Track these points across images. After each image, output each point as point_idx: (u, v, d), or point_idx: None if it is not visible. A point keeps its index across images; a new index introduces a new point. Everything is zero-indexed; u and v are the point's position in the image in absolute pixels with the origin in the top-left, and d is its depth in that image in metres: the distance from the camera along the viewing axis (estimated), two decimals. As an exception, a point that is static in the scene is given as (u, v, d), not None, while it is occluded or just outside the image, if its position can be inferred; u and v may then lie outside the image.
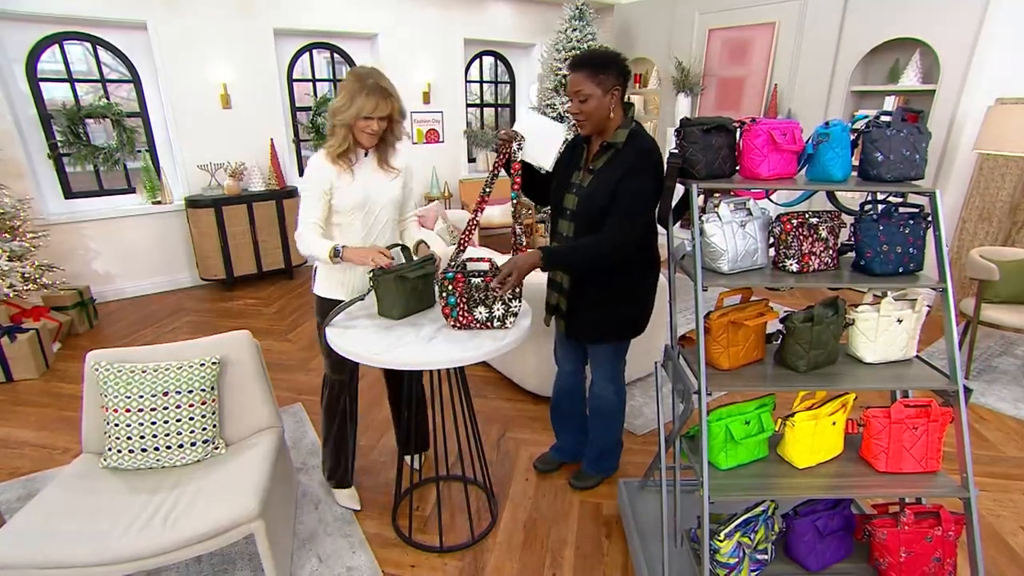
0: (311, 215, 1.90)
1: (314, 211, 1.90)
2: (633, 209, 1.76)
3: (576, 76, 1.74)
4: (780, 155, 1.60)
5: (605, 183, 1.79)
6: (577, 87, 1.74)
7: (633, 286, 1.98)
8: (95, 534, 1.57)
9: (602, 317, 1.99)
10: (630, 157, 1.77)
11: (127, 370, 1.88)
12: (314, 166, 1.90)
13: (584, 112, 1.76)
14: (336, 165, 1.88)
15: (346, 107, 1.80)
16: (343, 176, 1.90)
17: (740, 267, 1.62)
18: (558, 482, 2.43)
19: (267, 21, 4.91)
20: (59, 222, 4.35)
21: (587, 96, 1.73)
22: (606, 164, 1.82)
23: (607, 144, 1.81)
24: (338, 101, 1.82)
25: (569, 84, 1.77)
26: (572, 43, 5.74)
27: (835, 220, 1.67)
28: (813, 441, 1.60)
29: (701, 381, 1.51)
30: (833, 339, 1.64)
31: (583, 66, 1.74)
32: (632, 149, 1.78)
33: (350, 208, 1.93)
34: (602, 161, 1.83)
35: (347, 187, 1.91)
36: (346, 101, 1.80)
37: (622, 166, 1.77)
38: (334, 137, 1.87)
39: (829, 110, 4.88)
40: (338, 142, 1.86)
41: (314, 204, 1.89)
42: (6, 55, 4.11)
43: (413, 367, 1.58)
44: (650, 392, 3.15)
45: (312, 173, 1.89)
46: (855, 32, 4.61)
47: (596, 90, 1.73)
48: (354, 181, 1.92)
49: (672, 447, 1.82)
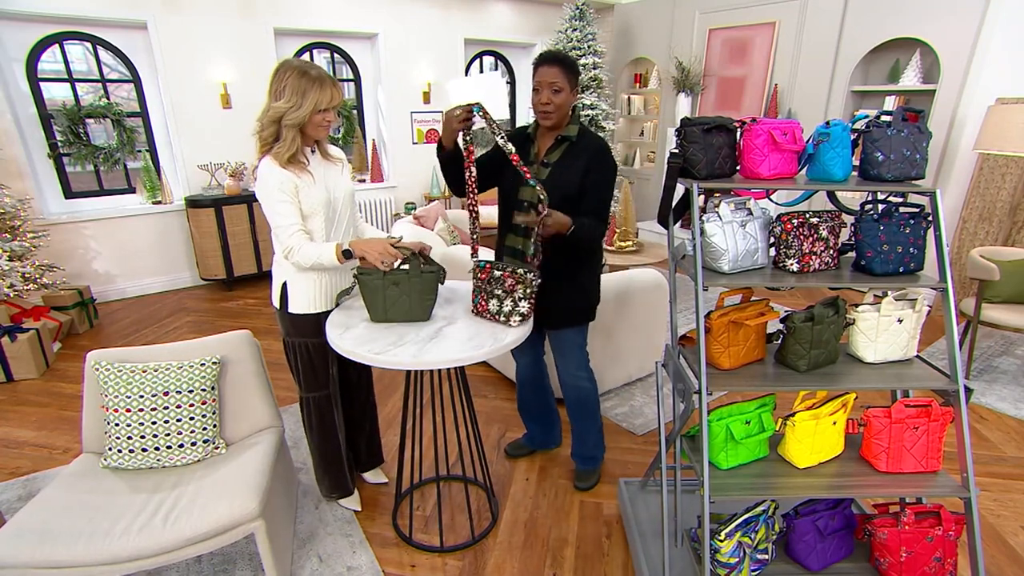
0: (292, 221, 1.77)
1: (293, 217, 1.77)
2: (607, 200, 1.93)
3: (552, 69, 1.83)
4: (781, 155, 1.60)
5: (566, 173, 1.90)
6: (554, 79, 1.82)
7: (593, 270, 2.11)
8: (95, 533, 1.57)
9: (568, 301, 2.05)
10: (589, 150, 1.90)
11: (127, 370, 1.88)
12: (271, 172, 1.74)
13: (555, 103, 1.84)
14: (289, 169, 1.76)
15: (297, 105, 1.70)
16: (303, 177, 1.79)
17: (741, 267, 1.62)
18: (559, 482, 2.43)
19: (267, 21, 4.91)
20: (59, 222, 4.35)
21: (560, 88, 1.83)
22: (562, 157, 1.92)
23: (562, 137, 1.92)
24: (285, 102, 1.70)
25: (542, 76, 1.84)
26: (572, 43, 5.74)
27: (836, 220, 1.67)
28: (814, 441, 1.60)
29: (702, 381, 1.51)
30: (833, 339, 1.64)
31: (559, 62, 1.83)
32: (588, 142, 1.92)
33: (316, 209, 1.83)
34: (557, 154, 1.93)
35: (310, 187, 1.80)
36: (295, 99, 1.70)
37: (582, 158, 1.89)
38: (281, 142, 1.74)
39: (829, 110, 4.88)
40: (287, 145, 1.74)
41: (290, 210, 1.77)
42: (6, 54, 4.11)
43: (412, 367, 1.58)
44: (650, 392, 3.15)
45: (272, 179, 1.74)
46: (855, 32, 4.61)
47: (566, 84, 1.84)
48: (315, 181, 1.82)
49: (672, 447, 1.82)
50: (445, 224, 4.24)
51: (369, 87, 5.90)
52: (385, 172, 6.13)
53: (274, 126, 1.75)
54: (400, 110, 5.93)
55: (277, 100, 1.72)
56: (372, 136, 6.05)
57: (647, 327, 3.13)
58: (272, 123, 1.74)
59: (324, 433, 2.11)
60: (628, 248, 4.42)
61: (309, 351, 1.98)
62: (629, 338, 3.06)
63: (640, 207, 6.71)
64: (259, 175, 1.77)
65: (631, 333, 3.05)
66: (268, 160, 1.76)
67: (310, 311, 1.94)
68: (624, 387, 3.21)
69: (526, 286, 1.75)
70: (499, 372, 3.33)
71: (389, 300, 1.80)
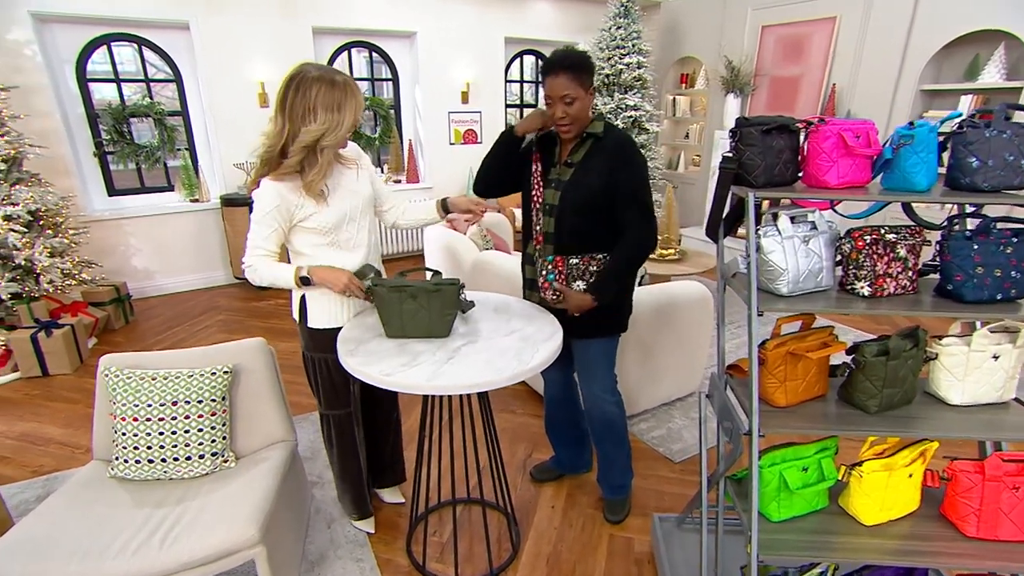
0: (262, 246, 1.65)
1: (268, 243, 1.65)
2: (646, 197, 1.77)
3: (559, 79, 1.65)
4: (852, 160, 1.38)
5: (589, 174, 1.75)
6: (564, 91, 1.66)
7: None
8: (90, 551, 1.49)
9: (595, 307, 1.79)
10: (615, 146, 1.75)
11: (136, 377, 1.81)
12: (274, 192, 1.60)
13: (570, 115, 1.69)
14: (306, 196, 1.62)
15: (337, 124, 1.55)
16: (319, 205, 1.66)
17: (802, 289, 1.40)
18: (587, 511, 2.24)
19: (307, 20, 4.90)
20: (102, 219, 4.44)
21: (573, 99, 1.67)
22: (587, 155, 1.78)
23: (587, 134, 1.77)
24: (321, 124, 1.53)
25: (552, 89, 1.67)
26: (616, 41, 5.53)
27: (916, 237, 1.43)
28: (884, 495, 1.37)
29: (753, 421, 1.31)
30: (911, 375, 1.40)
31: (565, 68, 1.65)
32: (614, 139, 1.77)
33: (329, 227, 1.70)
34: (581, 152, 1.79)
35: (323, 214, 1.67)
36: (333, 117, 1.54)
37: (608, 156, 1.74)
38: (316, 169, 1.58)
39: (895, 111, 4.50)
40: (321, 170, 1.58)
41: (268, 235, 1.64)
42: (59, 56, 4.22)
43: (424, 391, 1.43)
44: (691, 414, 2.92)
45: (270, 200, 1.60)
46: (928, 25, 4.23)
47: (579, 91, 1.67)
48: (330, 207, 1.68)
49: (715, 488, 1.61)
50: (478, 228, 4.10)
51: (407, 87, 5.84)
52: (421, 173, 6.06)
53: (304, 152, 1.56)
54: (438, 110, 5.85)
55: (307, 123, 1.54)
56: (409, 136, 5.99)
57: (689, 344, 2.90)
58: (304, 149, 1.55)
59: (343, 452, 1.99)
60: (670, 256, 4.18)
61: (329, 368, 1.86)
62: (669, 355, 2.84)
63: (684, 212, 6.43)
64: (258, 193, 1.62)
65: (672, 350, 2.83)
66: (283, 184, 1.60)
67: (330, 326, 1.81)
68: (662, 407, 2.99)
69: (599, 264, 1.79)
70: (529, 385, 3.15)
71: (406, 315, 1.67)
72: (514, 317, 1.84)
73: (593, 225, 1.78)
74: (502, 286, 2.78)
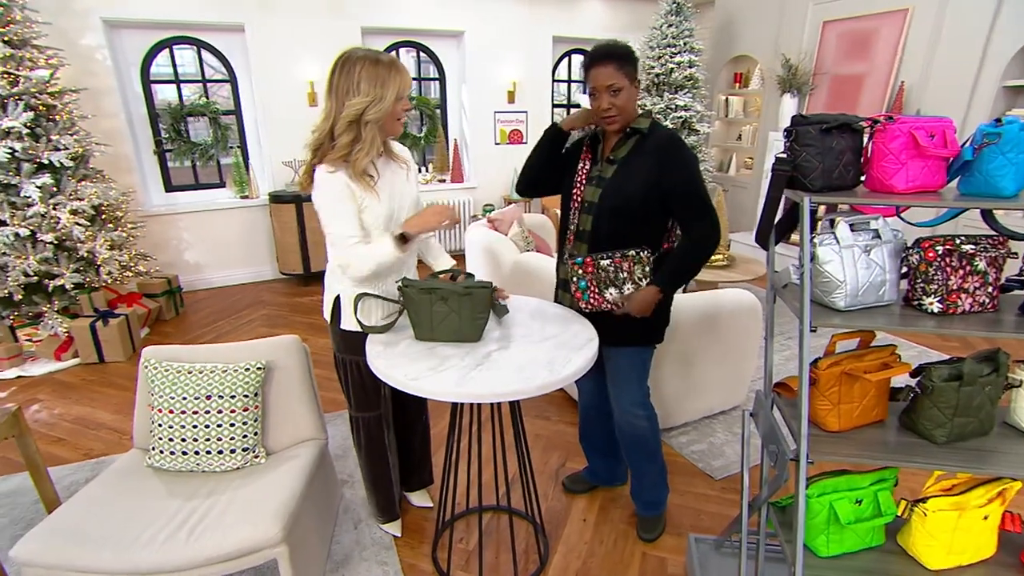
0: (352, 232, 1.60)
1: (354, 227, 1.61)
2: (702, 191, 1.68)
3: (605, 69, 1.63)
4: (924, 162, 1.24)
5: (634, 172, 1.69)
6: (610, 80, 1.62)
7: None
8: (122, 540, 1.52)
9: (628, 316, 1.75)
10: (661, 144, 1.68)
11: (173, 370, 1.84)
12: (334, 176, 1.58)
13: (616, 106, 1.65)
14: (357, 182, 1.59)
15: (379, 97, 1.52)
16: (369, 195, 1.62)
17: (861, 303, 1.27)
18: (620, 527, 2.14)
19: (356, 20, 4.97)
20: (159, 213, 4.65)
21: (619, 88, 1.63)
22: (631, 152, 1.71)
23: (631, 130, 1.71)
24: (364, 97, 1.51)
25: (596, 79, 1.64)
26: (667, 39, 5.37)
27: (998, 248, 1.28)
28: (953, 537, 1.23)
29: (801, 446, 1.19)
30: (988, 403, 1.25)
31: (609, 58, 1.63)
32: (659, 136, 1.69)
33: (376, 226, 1.66)
34: (626, 149, 1.72)
35: (374, 206, 1.64)
36: (376, 91, 1.52)
37: (651, 156, 1.67)
38: (361, 144, 1.56)
39: (972, 110, 4.16)
40: (367, 146, 1.56)
41: (351, 217, 1.60)
42: (126, 59, 4.44)
43: (449, 398, 1.38)
44: (734, 429, 2.77)
45: (336, 182, 1.58)
46: (1016, 13, 3.87)
47: (624, 80, 1.64)
48: (380, 200, 1.65)
49: (757, 514, 1.50)
50: (520, 229, 4.04)
51: (453, 86, 5.85)
52: (466, 173, 6.06)
53: (352, 128, 1.55)
54: (484, 110, 5.84)
55: (351, 97, 1.54)
56: (454, 136, 6.00)
57: (735, 355, 2.75)
58: (349, 124, 1.54)
59: (373, 455, 1.98)
60: (718, 262, 4.00)
61: (360, 370, 1.84)
62: (713, 366, 2.70)
63: (734, 217, 6.18)
64: (317, 181, 1.60)
65: (716, 361, 2.69)
66: (338, 174, 1.58)
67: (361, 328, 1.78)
68: (704, 420, 2.85)
69: (643, 265, 1.69)
70: (565, 392, 3.07)
71: (436, 317, 1.63)
72: (549, 323, 1.77)
73: (630, 226, 1.71)
74: (542, 288, 2.71)
